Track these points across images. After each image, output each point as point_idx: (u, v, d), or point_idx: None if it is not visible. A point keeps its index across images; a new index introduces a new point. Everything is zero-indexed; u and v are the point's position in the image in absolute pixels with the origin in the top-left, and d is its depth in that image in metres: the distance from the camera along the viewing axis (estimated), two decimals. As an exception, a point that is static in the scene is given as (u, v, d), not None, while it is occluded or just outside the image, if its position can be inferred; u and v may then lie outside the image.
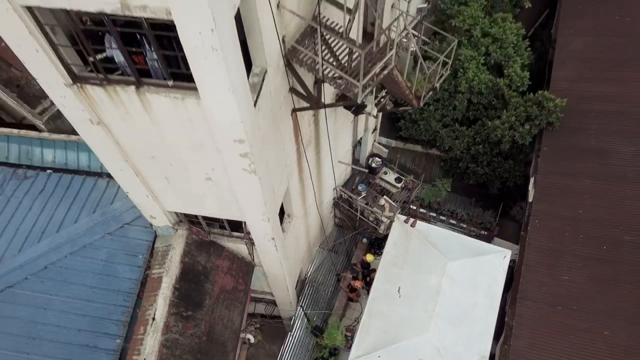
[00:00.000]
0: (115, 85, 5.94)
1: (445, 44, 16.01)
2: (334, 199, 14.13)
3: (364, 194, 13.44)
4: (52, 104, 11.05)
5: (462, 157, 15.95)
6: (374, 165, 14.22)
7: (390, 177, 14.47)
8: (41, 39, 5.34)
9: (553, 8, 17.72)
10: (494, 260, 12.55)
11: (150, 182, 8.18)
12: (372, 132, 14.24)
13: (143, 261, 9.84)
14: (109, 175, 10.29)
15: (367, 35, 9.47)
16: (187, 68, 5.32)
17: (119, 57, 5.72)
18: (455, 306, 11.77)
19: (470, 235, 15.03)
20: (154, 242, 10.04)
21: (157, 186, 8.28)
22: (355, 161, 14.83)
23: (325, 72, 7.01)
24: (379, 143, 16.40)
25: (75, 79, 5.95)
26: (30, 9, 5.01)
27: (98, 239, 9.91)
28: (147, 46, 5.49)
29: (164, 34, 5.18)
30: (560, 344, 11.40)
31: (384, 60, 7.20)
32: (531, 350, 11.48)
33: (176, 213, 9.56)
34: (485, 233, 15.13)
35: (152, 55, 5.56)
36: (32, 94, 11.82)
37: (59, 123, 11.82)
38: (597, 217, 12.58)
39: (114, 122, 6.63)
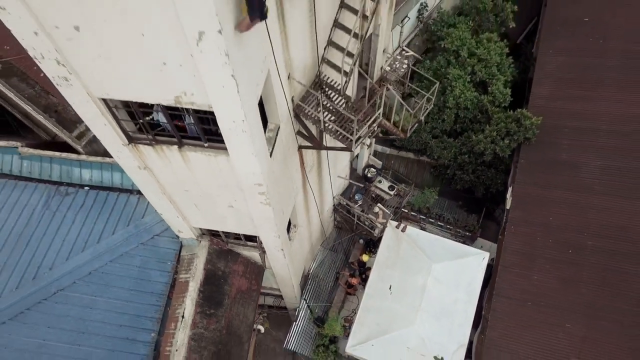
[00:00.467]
0: (161, 144, 7.62)
1: (435, 62, 17.62)
2: (333, 205, 15.87)
3: (360, 203, 15.18)
4: (88, 128, 12.64)
5: (450, 165, 17.62)
6: (369, 175, 15.92)
7: (384, 185, 16.18)
8: (109, 116, 6.99)
9: (540, 17, 19.17)
10: (474, 261, 14.34)
11: (182, 208, 9.91)
12: (368, 148, 15.89)
13: (171, 267, 11.62)
14: (139, 192, 12.01)
15: (362, 75, 11.17)
16: (219, 134, 6.99)
17: (165, 124, 7.40)
18: (438, 302, 13.59)
19: (456, 236, 16.88)
20: (180, 251, 11.81)
21: (187, 210, 10.01)
22: (353, 171, 16.54)
23: (326, 126, 8.67)
24: (375, 150, 18.12)
25: (131, 140, 7.61)
26: (104, 99, 6.67)
27: (133, 248, 11.67)
28: (188, 118, 7.16)
29: (203, 116, 6.85)
30: (528, 334, 13.22)
31: (373, 118, 8.81)
32: (503, 340, 13.31)
33: (200, 228, 11.31)
34: (469, 234, 16.88)
35: (192, 124, 7.23)
36: (69, 119, 13.47)
37: (94, 146, 13.48)
38: (565, 224, 14.30)
39: (157, 168, 8.31)
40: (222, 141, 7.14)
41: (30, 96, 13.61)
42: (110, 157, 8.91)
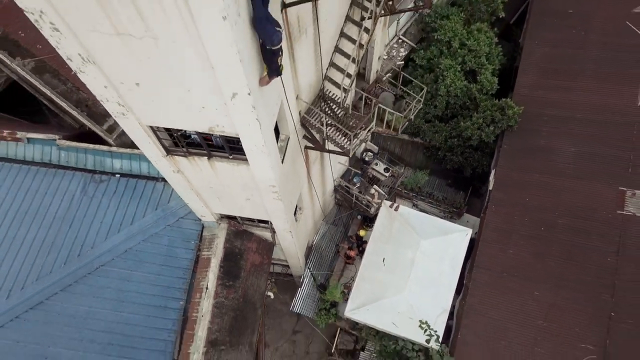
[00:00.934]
0: (194, 155, 9.34)
1: (429, 52, 19.00)
2: (334, 186, 17.65)
3: (358, 185, 16.97)
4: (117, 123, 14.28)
5: (441, 147, 19.23)
6: (367, 158, 17.64)
7: (380, 167, 17.93)
8: (152, 136, 8.69)
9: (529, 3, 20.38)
10: (458, 237, 16.24)
11: (206, 200, 11.70)
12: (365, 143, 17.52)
13: (195, 246, 13.52)
14: (164, 180, 13.76)
15: (360, 75, 12.78)
16: (242, 149, 8.69)
17: (197, 139, 9.10)
18: (425, 273, 15.58)
19: (444, 212, 18.75)
20: (202, 232, 13.68)
21: (210, 201, 11.81)
22: (352, 155, 18.23)
23: (328, 135, 10.35)
24: (372, 133, 19.73)
25: (168, 152, 9.33)
26: (151, 127, 8.36)
27: (161, 229, 13.54)
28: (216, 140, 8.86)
29: (230, 139, 8.55)
30: (503, 301, 15.22)
31: (368, 128, 10.46)
32: (481, 305, 15.32)
33: (220, 214, 13.14)
34: (456, 210, 18.72)
35: (219, 143, 8.93)
36: (99, 113, 15.08)
37: (124, 138, 15.14)
38: (540, 205, 16.10)
39: (188, 172, 10.05)
40: (243, 154, 8.85)
41: (63, 92, 15.18)
42: (138, 148, 10.58)
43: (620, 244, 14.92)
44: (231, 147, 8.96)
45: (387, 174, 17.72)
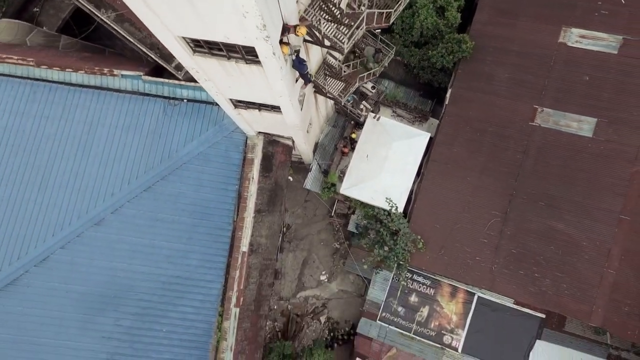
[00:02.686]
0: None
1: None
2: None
3: (351, 101, 23.58)
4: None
5: (415, 66, 25.33)
6: (358, 79, 23.92)
7: (368, 85, 24.33)
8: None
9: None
10: (420, 140, 23.27)
11: (250, 123, 18.57)
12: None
13: (242, 150, 20.66)
14: (217, 104, 20.40)
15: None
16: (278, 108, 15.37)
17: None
18: (394, 165, 22.91)
19: (414, 117, 25.51)
20: (246, 141, 20.73)
21: (253, 124, 18.69)
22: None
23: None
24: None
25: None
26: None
27: (220, 139, 20.56)
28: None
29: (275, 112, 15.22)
30: (446, 183, 22.70)
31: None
32: (432, 185, 22.84)
33: (258, 131, 20.09)
34: (423, 115, 25.45)
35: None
36: (168, 54, 21.16)
37: (188, 75, 21.37)
38: (478, 117, 22.83)
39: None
40: (279, 109, 15.53)
41: (140, 38, 21.19)
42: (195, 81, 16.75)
43: (526, 146, 22.03)
44: (273, 107, 15.63)
45: (373, 91, 24.20)
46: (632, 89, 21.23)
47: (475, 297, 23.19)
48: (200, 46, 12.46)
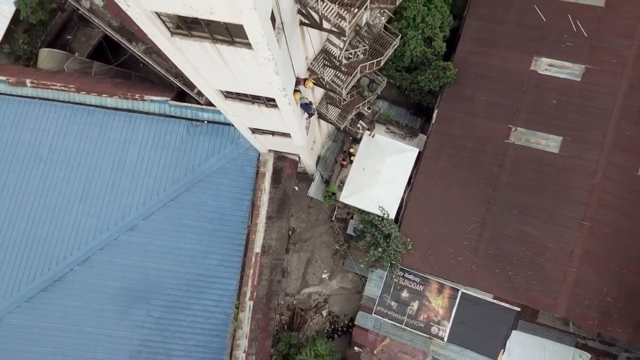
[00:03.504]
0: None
1: (400, 24, 27.38)
2: (334, 119, 27.47)
3: (349, 120, 26.80)
4: (203, 90, 23.81)
5: (407, 88, 28.58)
6: (355, 101, 27.20)
7: (365, 106, 27.55)
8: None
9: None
10: (410, 154, 26.54)
11: (263, 143, 21.82)
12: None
13: (255, 165, 23.91)
14: (232, 125, 23.64)
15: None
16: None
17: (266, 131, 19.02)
18: (387, 177, 26.17)
19: (405, 133, 28.77)
20: (259, 157, 23.99)
21: (266, 144, 21.94)
22: (346, 97, 27.75)
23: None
24: (361, 77, 28.93)
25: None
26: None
27: (236, 155, 23.82)
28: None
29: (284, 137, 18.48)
30: (432, 193, 25.93)
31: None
32: (420, 195, 26.09)
33: (270, 149, 23.35)
34: (413, 132, 28.71)
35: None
36: (190, 82, 24.39)
37: (208, 99, 24.59)
38: (460, 134, 26.09)
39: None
40: (289, 135, 18.75)
41: (166, 68, 24.48)
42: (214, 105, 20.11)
43: (502, 161, 25.29)
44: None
45: (369, 111, 27.44)
46: (593, 111, 24.50)
47: (459, 293, 26.42)
48: (232, 95, 15.69)
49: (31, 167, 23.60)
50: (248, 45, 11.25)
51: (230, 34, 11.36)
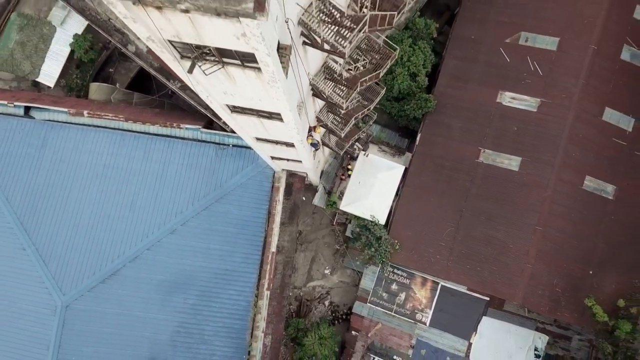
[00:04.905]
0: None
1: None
2: (335, 141, 33.03)
3: (347, 143, 32.38)
4: (229, 120, 29.41)
5: (395, 114, 34.10)
6: (353, 126, 32.77)
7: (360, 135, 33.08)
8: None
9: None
10: (398, 171, 32.11)
11: (278, 164, 27.38)
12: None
13: (271, 181, 29.47)
14: (252, 149, 29.17)
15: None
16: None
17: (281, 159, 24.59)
18: (379, 189, 31.73)
19: (394, 152, 34.33)
20: (274, 174, 29.54)
21: (280, 165, 27.50)
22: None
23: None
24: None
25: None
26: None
27: (255, 173, 29.37)
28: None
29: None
30: (416, 203, 31.48)
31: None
32: (406, 204, 31.60)
33: (283, 168, 28.90)
34: (401, 151, 34.24)
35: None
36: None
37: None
38: (439, 155, 31.63)
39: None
40: (300, 161, 24.29)
41: (197, 101, 30.05)
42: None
43: (473, 177, 30.84)
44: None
45: (363, 134, 32.97)
46: (546, 137, 30.06)
47: (439, 286, 32.01)
48: (262, 139, 21.34)
49: (89, 183, 29.15)
50: (280, 120, 16.74)
51: (271, 115, 16.88)
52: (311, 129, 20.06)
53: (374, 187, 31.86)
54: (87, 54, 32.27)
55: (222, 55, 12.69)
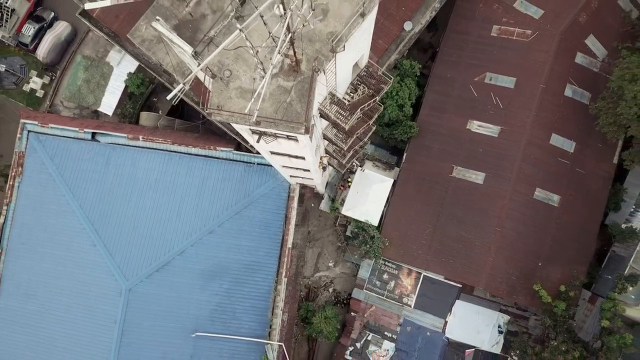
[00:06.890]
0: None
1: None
2: (338, 158, 41.00)
3: (348, 160, 40.39)
4: (254, 144, 37.37)
5: (386, 137, 41.94)
6: (352, 147, 40.80)
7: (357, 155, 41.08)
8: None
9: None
10: (388, 183, 40.05)
11: (294, 179, 35.35)
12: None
13: (288, 191, 37.35)
14: (272, 166, 37.05)
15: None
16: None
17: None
18: (372, 199, 39.67)
19: (385, 167, 42.29)
20: (290, 186, 37.47)
21: (295, 180, 35.47)
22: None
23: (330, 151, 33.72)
24: (356, 128, 42.47)
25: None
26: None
27: (275, 186, 37.20)
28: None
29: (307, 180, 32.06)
30: (403, 210, 39.34)
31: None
32: (394, 210, 39.46)
33: (297, 182, 36.84)
34: (392, 166, 42.14)
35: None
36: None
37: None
38: (421, 170, 39.50)
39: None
40: (312, 179, 32.21)
41: (229, 128, 37.97)
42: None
43: (447, 188, 38.78)
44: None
45: (360, 153, 40.91)
46: (505, 157, 38.00)
47: (422, 275, 40.00)
48: (288, 167, 29.45)
49: (144, 193, 37.09)
50: (303, 158, 24.90)
51: (297, 156, 25.05)
52: (321, 158, 28.08)
53: (369, 195, 39.81)
54: (139, 88, 40.19)
55: (277, 135, 20.94)
